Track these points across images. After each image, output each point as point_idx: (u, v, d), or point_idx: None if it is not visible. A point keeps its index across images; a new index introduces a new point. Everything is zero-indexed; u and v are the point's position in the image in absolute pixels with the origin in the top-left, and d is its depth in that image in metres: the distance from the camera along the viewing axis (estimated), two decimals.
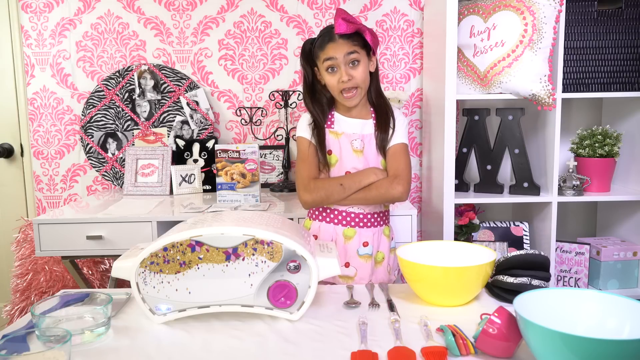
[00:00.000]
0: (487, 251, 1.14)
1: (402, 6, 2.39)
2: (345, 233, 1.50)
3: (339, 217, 1.50)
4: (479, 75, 2.00)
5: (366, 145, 1.49)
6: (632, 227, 2.15)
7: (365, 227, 1.50)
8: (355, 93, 1.45)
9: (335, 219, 1.51)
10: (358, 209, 1.49)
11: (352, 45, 1.42)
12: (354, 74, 1.42)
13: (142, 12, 2.40)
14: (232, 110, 2.45)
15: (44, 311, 0.96)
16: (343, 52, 1.41)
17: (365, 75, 1.45)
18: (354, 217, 1.50)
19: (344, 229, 1.50)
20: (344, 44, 1.41)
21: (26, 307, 2.14)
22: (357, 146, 1.49)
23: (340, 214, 1.50)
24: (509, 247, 2.12)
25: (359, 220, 1.50)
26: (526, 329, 0.76)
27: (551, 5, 1.86)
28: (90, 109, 2.39)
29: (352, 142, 1.49)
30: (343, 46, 1.41)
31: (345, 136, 1.50)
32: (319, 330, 0.96)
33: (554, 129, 1.97)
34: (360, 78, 1.43)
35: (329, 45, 1.43)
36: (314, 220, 1.55)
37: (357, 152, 1.49)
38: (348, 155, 1.49)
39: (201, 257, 0.98)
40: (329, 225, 1.51)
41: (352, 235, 1.50)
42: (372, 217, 1.51)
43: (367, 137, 1.50)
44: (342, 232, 1.50)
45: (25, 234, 2.20)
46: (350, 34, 1.41)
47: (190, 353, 0.89)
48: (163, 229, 1.82)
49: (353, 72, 1.42)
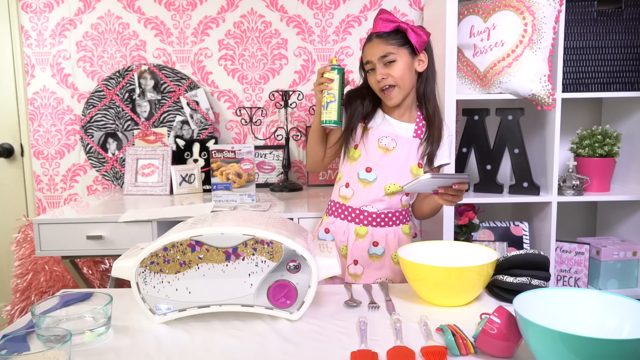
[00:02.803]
0: (488, 251, 1.14)
1: (402, 6, 2.39)
2: (357, 231, 1.51)
3: (352, 214, 1.51)
4: (478, 75, 2.00)
5: (399, 147, 1.48)
6: (632, 227, 2.15)
7: (379, 226, 1.50)
8: (392, 91, 1.44)
9: (349, 216, 1.52)
10: (372, 208, 1.50)
11: (388, 44, 1.42)
12: (388, 72, 1.42)
13: (142, 12, 2.40)
14: (232, 110, 2.45)
15: (44, 311, 0.96)
16: (377, 55, 1.43)
17: (403, 73, 1.43)
18: (367, 215, 1.50)
19: (357, 227, 1.51)
20: (379, 44, 1.43)
21: (26, 307, 2.14)
22: (386, 144, 1.48)
23: (354, 211, 1.51)
24: (509, 247, 2.12)
25: (372, 219, 1.50)
26: (526, 328, 0.76)
27: (551, 5, 1.86)
28: (90, 109, 2.39)
29: (380, 139, 1.48)
30: (377, 47, 1.43)
31: (374, 131, 1.49)
32: (319, 330, 0.97)
33: (553, 128, 1.97)
34: (397, 76, 1.42)
35: (366, 46, 1.47)
36: (330, 215, 1.57)
37: (384, 150, 1.48)
38: (372, 151, 1.49)
39: (201, 257, 0.98)
40: (343, 222, 1.53)
41: (364, 234, 1.50)
42: (387, 217, 1.50)
43: (402, 139, 1.49)
44: (354, 229, 1.51)
45: (25, 234, 2.20)
46: (390, 33, 1.42)
47: (190, 353, 0.89)
48: (163, 229, 1.82)
49: (388, 70, 1.42)
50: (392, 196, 1.50)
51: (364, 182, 1.50)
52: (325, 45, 2.42)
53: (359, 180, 1.51)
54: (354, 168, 1.52)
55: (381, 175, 1.49)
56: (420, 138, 1.51)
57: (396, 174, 1.49)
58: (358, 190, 1.51)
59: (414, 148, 1.50)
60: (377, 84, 1.45)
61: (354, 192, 1.52)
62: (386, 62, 1.42)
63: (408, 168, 1.49)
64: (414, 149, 1.50)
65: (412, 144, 1.50)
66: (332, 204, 1.58)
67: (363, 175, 1.50)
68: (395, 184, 1.48)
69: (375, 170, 1.49)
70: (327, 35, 2.42)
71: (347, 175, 1.54)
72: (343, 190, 1.54)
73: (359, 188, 1.51)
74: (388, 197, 1.49)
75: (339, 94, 1.42)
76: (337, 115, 1.43)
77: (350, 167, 1.53)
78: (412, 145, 1.50)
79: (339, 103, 1.43)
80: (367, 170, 1.50)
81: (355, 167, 1.51)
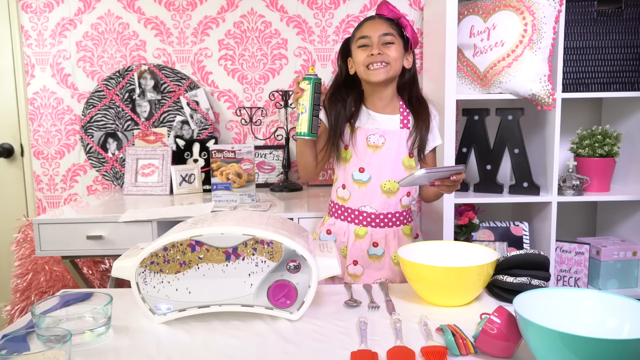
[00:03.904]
0: (488, 251, 1.14)
1: (402, 6, 2.39)
2: (356, 232, 1.50)
3: (351, 215, 1.51)
4: (478, 75, 2.00)
5: (388, 142, 1.47)
6: (632, 227, 2.16)
7: (378, 227, 1.49)
8: (382, 68, 1.41)
9: (349, 217, 1.52)
10: (371, 209, 1.49)
11: (389, 27, 1.42)
12: (385, 51, 1.41)
13: (142, 12, 2.40)
14: (232, 110, 2.45)
15: (44, 311, 0.96)
16: (378, 32, 1.41)
17: (397, 56, 1.42)
18: (366, 216, 1.49)
19: (356, 228, 1.50)
20: (382, 23, 1.42)
21: (26, 307, 2.14)
22: (375, 141, 1.47)
23: (353, 212, 1.51)
24: (509, 247, 2.12)
25: (371, 220, 1.49)
26: (526, 328, 0.76)
27: (551, 5, 1.86)
28: (90, 109, 2.39)
29: (369, 137, 1.47)
30: (381, 25, 1.41)
31: (361, 130, 1.48)
32: (319, 330, 0.97)
33: (553, 128, 1.97)
34: (393, 56, 1.41)
35: (366, 23, 1.44)
36: (331, 216, 1.57)
37: (373, 148, 1.47)
38: (362, 151, 1.48)
39: (201, 257, 0.98)
40: (343, 222, 1.53)
41: (363, 235, 1.50)
42: (386, 217, 1.50)
43: (390, 133, 1.47)
44: (353, 230, 1.51)
45: (25, 234, 2.20)
46: (391, 20, 1.42)
47: (190, 353, 0.89)
48: (163, 229, 1.82)
49: (385, 49, 1.41)
50: (390, 195, 1.49)
51: (359, 182, 1.49)
52: (325, 45, 2.42)
53: (354, 181, 1.50)
54: (348, 169, 1.51)
55: (375, 174, 1.48)
56: (407, 127, 1.49)
57: (390, 170, 1.48)
58: (354, 191, 1.51)
59: (403, 139, 1.48)
60: (368, 59, 1.41)
61: (351, 194, 1.51)
62: (385, 42, 1.41)
63: (400, 161, 1.48)
64: (404, 141, 1.48)
65: (401, 135, 1.48)
66: (332, 205, 1.58)
67: (357, 176, 1.50)
68: (391, 180, 1.48)
69: (368, 169, 1.48)
70: (327, 35, 2.42)
71: (342, 177, 1.54)
72: (340, 192, 1.54)
73: (354, 189, 1.50)
74: (386, 196, 1.48)
75: (311, 105, 1.38)
76: (308, 127, 1.39)
77: (344, 168, 1.52)
78: (401, 137, 1.48)
79: (310, 114, 1.38)
80: (360, 170, 1.49)
81: (349, 168, 1.51)
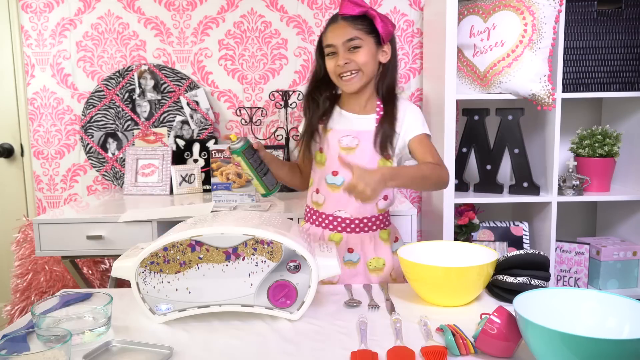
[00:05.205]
0: (488, 251, 1.14)
1: (401, 6, 2.39)
2: (331, 238, 1.43)
3: (325, 221, 1.43)
4: (478, 75, 2.00)
5: (362, 143, 1.38)
6: (632, 227, 2.16)
7: (354, 232, 1.41)
8: (354, 77, 1.34)
9: (323, 222, 1.44)
10: (345, 214, 1.41)
11: (355, 29, 1.33)
12: (352, 58, 1.33)
13: (142, 12, 2.40)
14: (232, 110, 2.45)
15: (44, 311, 0.96)
16: (342, 39, 1.32)
17: (367, 59, 1.33)
18: (340, 221, 1.42)
19: (331, 234, 1.43)
20: (345, 27, 1.33)
21: (26, 307, 2.14)
22: (347, 143, 1.40)
23: (327, 217, 1.43)
24: (509, 247, 2.12)
25: (346, 225, 1.42)
26: (526, 328, 0.76)
27: (551, 5, 1.87)
28: (90, 109, 2.39)
29: (341, 139, 1.39)
30: (343, 31, 1.33)
31: (333, 132, 1.42)
32: (319, 330, 0.97)
33: (553, 128, 1.97)
34: (361, 61, 1.33)
35: (330, 28, 1.36)
36: (307, 222, 1.50)
37: (346, 150, 1.39)
38: (334, 153, 1.39)
39: (201, 257, 0.98)
40: (318, 228, 1.45)
41: (338, 241, 1.42)
42: (362, 222, 1.42)
43: (364, 134, 1.38)
44: (328, 236, 1.43)
45: (25, 234, 2.20)
46: (356, 17, 1.32)
47: (190, 353, 0.89)
48: (163, 229, 1.82)
49: (352, 56, 1.33)
50: None
51: (332, 186, 1.41)
52: None
53: (327, 185, 1.42)
54: (323, 172, 1.43)
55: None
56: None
57: None
58: (328, 195, 1.42)
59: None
60: (337, 68, 1.34)
61: (325, 198, 1.43)
62: (350, 47, 1.32)
63: (375, 163, 1.37)
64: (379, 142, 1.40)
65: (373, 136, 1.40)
66: (308, 210, 1.50)
67: (331, 180, 1.41)
68: None
69: (342, 172, 1.39)
70: None
71: (317, 181, 1.46)
72: (315, 196, 1.46)
73: (328, 193, 1.42)
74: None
75: (253, 170, 1.38)
76: (265, 188, 1.40)
77: (320, 171, 1.44)
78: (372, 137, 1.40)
79: (259, 177, 1.39)
80: (334, 174, 1.40)
81: (323, 171, 1.43)
